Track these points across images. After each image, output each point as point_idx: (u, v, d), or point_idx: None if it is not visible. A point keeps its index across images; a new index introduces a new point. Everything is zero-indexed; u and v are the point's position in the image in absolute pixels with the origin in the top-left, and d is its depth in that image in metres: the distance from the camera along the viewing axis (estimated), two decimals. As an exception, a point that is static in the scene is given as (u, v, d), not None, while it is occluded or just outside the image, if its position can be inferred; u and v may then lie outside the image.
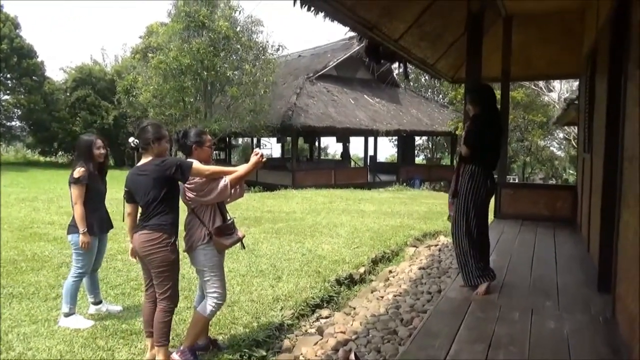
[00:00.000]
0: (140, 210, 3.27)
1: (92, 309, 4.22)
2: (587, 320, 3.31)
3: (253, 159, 3.30)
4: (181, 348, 3.32)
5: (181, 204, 3.34)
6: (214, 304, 3.30)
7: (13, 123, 29.19)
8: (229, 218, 3.42)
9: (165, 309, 3.24)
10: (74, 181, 3.90)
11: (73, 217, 3.95)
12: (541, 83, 22.69)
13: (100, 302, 4.27)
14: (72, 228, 3.96)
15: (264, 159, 3.34)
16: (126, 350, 3.47)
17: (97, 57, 48.36)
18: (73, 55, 68.88)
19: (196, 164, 3.14)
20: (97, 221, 4.02)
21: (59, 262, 5.80)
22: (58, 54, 74.59)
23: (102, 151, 4.12)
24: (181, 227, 3.34)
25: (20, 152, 34.02)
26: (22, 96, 26.82)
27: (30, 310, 4.19)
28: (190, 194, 3.26)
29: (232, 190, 3.32)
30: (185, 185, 3.25)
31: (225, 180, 3.23)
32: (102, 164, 4.16)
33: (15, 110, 27.86)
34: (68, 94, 28.34)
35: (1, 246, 6.51)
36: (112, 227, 4.32)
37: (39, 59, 27.47)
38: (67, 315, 3.93)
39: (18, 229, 7.73)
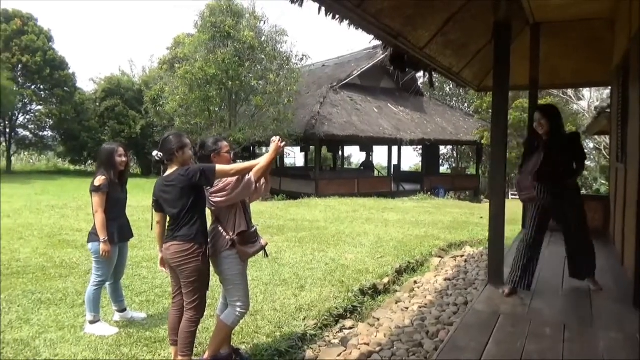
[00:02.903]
0: (169, 219, 3.29)
1: (117, 316, 4.26)
2: (623, 338, 3.17)
3: (272, 146, 3.29)
4: (204, 357, 3.31)
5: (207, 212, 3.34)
6: (237, 313, 3.29)
7: (45, 133, 30.05)
8: (252, 226, 3.41)
9: (191, 319, 3.24)
10: (94, 189, 3.95)
11: (94, 225, 4.00)
12: (570, 91, 22.23)
13: (125, 309, 4.30)
14: (93, 236, 4.00)
15: (283, 144, 3.31)
16: (150, 358, 3.48)
17: (125, 68, 49.59)
18: (102, 67, 70.79)
19: (219, 167, 3.15)
20: (117, 230, 4.05)
21: (87, 268, 5.89)
22: (88, 65, 76.80)
23: (124, 159, 4.17)
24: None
25: (51, 161, 34.98)
26: (54, 106, 27.61)
27: (57, 317, 4.26)
28: (215, 199, 3.25)
29: (257, 185, 3.29)
30: (210, 190, 3.25)
31: (248, 175, 3.21)
32: (122, 172, 4.20)
33: (47, 120, 28.69)
34: (97, 104, 29.10)
35: (29, 252, 6.67)
36: (132, 235, 4.35)
37: (70, 71, 28.30)
38: (92, 322, 3.97)
39: (47, 236, 7.91)
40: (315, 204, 14.55)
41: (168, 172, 3.29)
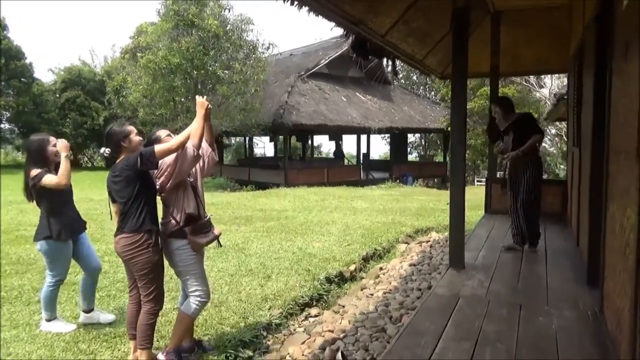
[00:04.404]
0: None
1: (83, 317, 3.96)
2: (576, 316, 3.28)
3: (199, 110, 3.18)
4: (166, 349, 3.26)
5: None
6: (197, 302, 3.23)
7: (2, 125, 28.86)
8: (205, 215, 3.34)
9: (150, 311, 3.16)
10: (33, 183, 3.63)
11: (40, 222, 3.73)
12: (532, 79, 22.75)
13: (92, 310, 3.99)
14: (40, 233, 3.71)
15: (209, 105, 3.24)
16: (109, 354, 3.41)
17: (85, 57, 47.91)
18: (61, 57, 68.20)
19: (158, 147, 3.02)
20: (66, 225, 3.75)
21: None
22: (45, 54, 73.96)
23: (55, 149, 3.77)
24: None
25: (9, 154, 33.67)
26: (11, 98, 26.49)
27: (12, 315, 4.11)
28: (160, 180, 3.14)
29: (198, 151, 3.12)
30: (154, 174, 3.16)
31: (187, 145, 3.08)
32: (59, 164, 3.74)
33: (4, 112, 27.54)
34: (57, 95, 28.07)
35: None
36: (84, 228, 4.03)
37: (27, 61, 27.17)
38: (48, 320, 3.83)
39: (4, 232, 7.61)
40: (284, 193, 14.50)
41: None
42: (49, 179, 3.62)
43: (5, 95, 26.87)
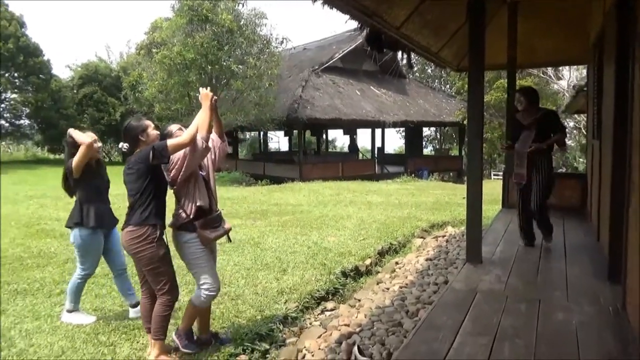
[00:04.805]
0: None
1: (132, 313, 3.98)
2: (597, 311, 3.23)
3: (203, 102, 3.18)
4: (178, 330, 3.38)
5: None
6: (205, 295, 3.27)
7: (22, 121, 29.40)
8: (216, 210, 3.36)
9: (165, 303, 3.18)
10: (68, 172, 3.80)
11: (72, 209, 3.83)
12: (550, 71, 22.38)
13: (138, 303, 3.87)
14: (70, 221, 3.81)
15: (214, 97, 3.23)
16: (128, 346, 3.45)
17: (102, 54, 48.49)
18: (78, 53, 69.10)
19: (170, 141, 3.03)
20: (97, 215, 3.82)
21: (65, 258, 5.81)
22: (63, 51, 74.95)
23: (99, 144, 3.92)
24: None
25: (30, 150, 34.29)
26: (30, 94, 27.00)
27: (34, 307, 4.19)
28: (171, 174, 3.17)
29: (207, 143, 3.15)
30: (165, 168, 3.19)
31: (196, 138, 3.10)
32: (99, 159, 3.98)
33: (24, 108, 28.05)
34: (75, 91, 28.53)
35: (6, 243, 6.55)
36: (115, 223, 4.08)
37: (45, 57, 27.60)
38: (69, 311, 3.90)
39: (25, 226, 7.77)
40: (299, 188, 14.52)
41: None
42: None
43: (25, 92, 27.38)
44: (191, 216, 3.17)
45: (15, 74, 26.98)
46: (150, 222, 3.07)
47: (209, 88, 3.29)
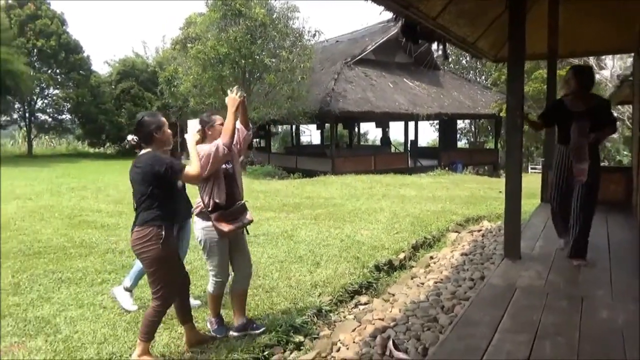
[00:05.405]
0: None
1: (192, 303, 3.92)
2: (643, 310, 3.10)
3: (230, 107, 3.25)
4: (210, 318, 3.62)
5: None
6: (213, 282, 3.47)
7: (63, 116, 30.47)
8: (238, 201, 3.42)
9: (156, 308, 3.08)
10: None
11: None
12: (592, 60, 21.53)
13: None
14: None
15: (239, 96, 3.29)
16: (167, 335, 3.55)
17: (138, 49, 49.70)
18: (116, 49, 71.05)
19: (187, 170, 3.07)
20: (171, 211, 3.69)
21: (105, 248, 6.00)
22: (102, 48, 77.12)
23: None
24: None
25: (71, 144, 35.50)
26: (71, 90, 27.92)
27: (77, 295, 4.35)
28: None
29: (229, 150, 3.22)
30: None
31: (216, 146, 3.17)
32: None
33: (65, 103, 29.04)
34: (113, 86, 29.32)
35: (50, 233, 6.82)
36: (188, 216, 3.97)
37: (84, 54, 28.46)
38: (126, 289, 3.99)
39: (68, 217, 8.06)
40: (331, 181, 14.52)
41: (143, 151, 3.10)
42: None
43: (66, 88, 28.34)
44: (209, 209, 3.28)
45: (57, 71, 27.95)
46: (155, 223, 2.99)
47: (236, 91, 3.33)
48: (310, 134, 33.68)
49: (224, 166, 3.35)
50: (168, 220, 3.09)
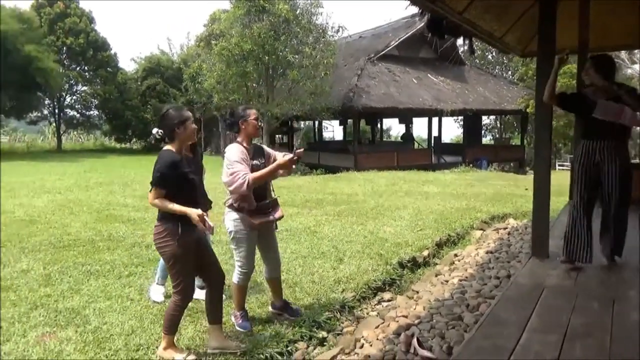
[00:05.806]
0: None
1: (200, 294, 3.90)
2: (678, 312, 3.00)
3: (280, 165, 3.37)
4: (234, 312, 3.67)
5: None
6: (238, 272, 3.53)
7: (91, 112, 31.20)
8: (268, 197, 3.54)
9: (176, 302, 3.12)
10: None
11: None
12: (623, 54, 20.91)
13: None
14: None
15: (297, 157, 3.37)
16: (192, 328, 3.60)
17: (163, 46, 50.40)
18: (142, 46, 72.31)
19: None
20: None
21: (132, 242, 6.12)
22: (128, 45, 78.42)
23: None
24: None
25: (99, 139, 36.33)
26: (98, 87, 28.56)
27: (105, 287, 4.45)
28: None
29: (250, 191, 3.35)
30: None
31: (244, 179, 3.24)
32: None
33: (93, 100, 29.72)
34: (139, 83, 29.86)
35: (79, 227, 6.98)
36: (209, 207, 3.96)
37: (112, 51, 29.04)
38: (158, 283, 4.17)
39: (96, 211, 8.24)
40: (354, 177, 14.48)
41: (166, 147, 3.05)
42: None
43: (94, 84, 28.98)
44: (237, 205, 3.38)
45: (85, 68, 28.63)
46: (171, 220, 2.99)
47: (297, 155, 3.39)
48: (333, 130, 33.69)
49: (255, 162, 3.44)
50: (187, 217, 3.02)
